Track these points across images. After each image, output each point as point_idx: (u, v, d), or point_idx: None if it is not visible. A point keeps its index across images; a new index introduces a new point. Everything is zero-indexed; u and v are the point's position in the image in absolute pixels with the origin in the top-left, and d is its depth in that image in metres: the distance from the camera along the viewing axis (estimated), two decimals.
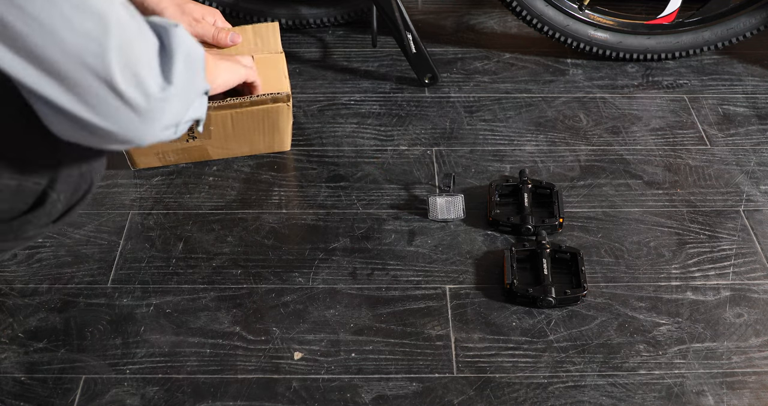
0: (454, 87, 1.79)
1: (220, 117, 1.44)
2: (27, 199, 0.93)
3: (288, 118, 1.51)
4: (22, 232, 0.97)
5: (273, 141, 1.56)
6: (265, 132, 1.52)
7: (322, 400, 1.20)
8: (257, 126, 1.50)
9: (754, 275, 1.39)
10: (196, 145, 1.50)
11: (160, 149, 1.50)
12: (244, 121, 1.47)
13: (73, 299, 1.33)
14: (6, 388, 1.20)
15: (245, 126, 1.49)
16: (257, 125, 1.49)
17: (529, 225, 1.44)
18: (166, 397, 1.20)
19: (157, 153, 1.52)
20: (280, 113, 1.48)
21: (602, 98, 1.77)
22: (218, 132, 1.48)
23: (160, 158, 1.53)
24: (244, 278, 1.37)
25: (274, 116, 1.48)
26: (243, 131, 1.50)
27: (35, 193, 0.93)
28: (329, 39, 1.92)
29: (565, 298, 1.33)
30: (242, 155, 1.58)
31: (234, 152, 1.56)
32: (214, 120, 1.45)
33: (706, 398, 1.21)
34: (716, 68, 1.86)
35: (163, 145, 1.48)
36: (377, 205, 1.51)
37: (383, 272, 1.39)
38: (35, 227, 0.97)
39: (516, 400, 1.21)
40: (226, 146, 1.53)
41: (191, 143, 1.49)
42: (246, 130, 1.50)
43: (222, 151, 1.55)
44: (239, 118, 1.46)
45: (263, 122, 1.49)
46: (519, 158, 1.61)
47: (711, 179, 1.57)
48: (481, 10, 2.04)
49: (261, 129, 1.51)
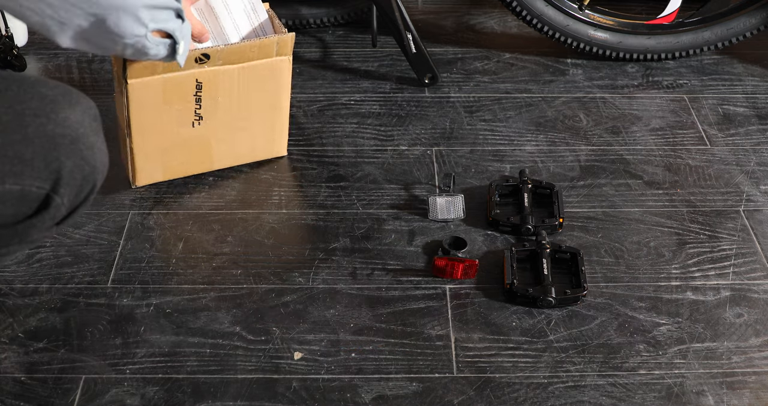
0: (454, 87, 1.79)
1: (227, 75, 1.43)
2: (31, 203, 0.94)
3: (288, 77, 1.51)
4: (26, 236, 0.97)
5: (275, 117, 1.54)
6: (269, 92, 1.50)
7: (322, 400, 1.20)
8: (262, 86, 1.48)
9: (754, 275, 1.39)
10: (200, 134, 1.48)
11: (162, 156, 1.49)
12: (249, 79, 1.46)
13: (73, 299, 1.33)
14: (6, 388, 1.20)
15: (250, 88, 1.47)
16: (262, 85, 1.48)
17: (529, 225, 1.44)
18: (166, 397, 1.20)
19: (161, 162, 1.50)
20: (283, 69, 1.49)
21: (602, 98, 1.77)
22: (224, 103, 1.46)
23: (164, 171, 1.52)
24: (244, 278, 1.37)
25: (278, 73, 1.48)
26: (248, 97, 1.48)
27: (39, 197, 0.93)
28: (329, 39, 1.92)
29: (565, 298, 1.33)
30: (244, 159, 1.57)
31: (234, 144, 1.54)
32: (221, 79, 1.43)
33: (706, 398, 1.21)
34: (716, 68, 1.86)
35: (165, 137, 1.46)
36: (377, 205, 1.51)
37: (383, 272, 1.39)
38: (39, 230, 0.97)
39: (516, 400, 1.21)
40: (228, 135, 1.51)
41: (196, 130, 1.47)
42: (250, 96, 1.49)
43: (224, 147, 1.53)
44: (245, 76, 1.45)
45: (268, 81, 1.49)
46: (519, 158, 1.61)
47: (711, 179, 1.57)
48: (481, 10, 2.04)
49: (265, 90, 1.49)
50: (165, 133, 1.46)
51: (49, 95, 0.95)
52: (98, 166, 0.98)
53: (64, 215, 0.98)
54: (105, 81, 1.78)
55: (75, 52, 1.85)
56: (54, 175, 0.93)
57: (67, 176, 0.94)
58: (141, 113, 1.42)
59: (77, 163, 0.94)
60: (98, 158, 0.97)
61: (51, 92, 0.95)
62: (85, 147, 0.95)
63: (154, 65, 1.36)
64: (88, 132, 0.96)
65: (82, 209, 1.00)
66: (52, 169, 0.93)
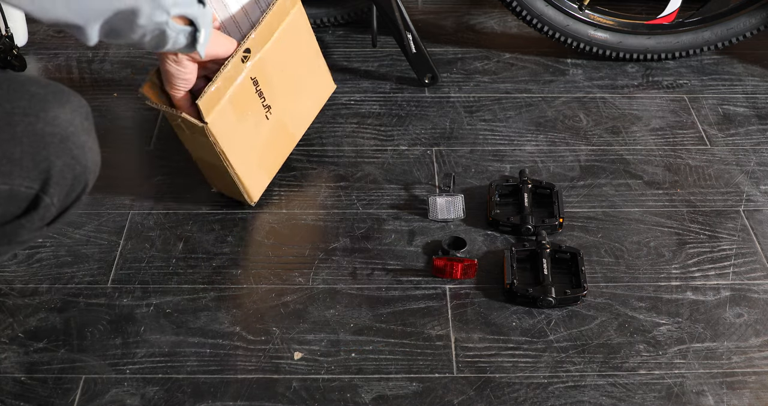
0: (454, 87, 1.79)
1: (268, 56, 1.38)
2: (20, 203, 0.92)
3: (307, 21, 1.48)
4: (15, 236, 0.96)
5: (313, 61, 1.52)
6: (302, 44, 1.48)
7: (322, 400, 1.20)
8: (296, 44, 1.45)
9: (754, 275, 1.39)
10: (274, 120, 1.44)
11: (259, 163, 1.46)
12: (284, 47, 1.42)
13: (73, 299, 1.33)
14: (6, 388, 1.20)
15: (288, 53, 1.44)
16: (296, 43, 1.45)
17: (529, 225, 1.44)
18: (166, 397, 1.20)
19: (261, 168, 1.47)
20: (301, 18, 1.45)
21: (602, 98, 1.77)
22: (278, 81, 1.43)
23: (267, 174, 1.49)
24: (244, 278, 1.37)
25: (299, 24, 1.45)
26: (290, 62, 1.45)
27: (28, 197, 0.92)
28: (329, 39, 1.92)
29: (565, 298, 1.33)
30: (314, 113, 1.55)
31: (299, 107, 1.51)
32: (267, 63, 1.39)
33: (706, 398, 1.21)
34: (716, 68, 1.86)
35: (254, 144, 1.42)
36: (377, 205, 1.51)
37: (383, 272, 1.39)
38: (29, 231, 0.96)
39: (516, 400, 1.21)
40: (292, 104, 1.48)
41: (270, 120, 1.43)
42: (292, 60, 1.45)
43: (295, 117, 1.50)
44: (280, 46, 1.41)
45: (297, 36, 1.45)
46: (519, 158, 1.61)
47: (711, 179, 1.57)
48: (481, 10, 2.04)
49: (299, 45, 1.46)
50: (252, 141, 1.42)
51: (38, 94, 0.93)
52: (89, 166, 0.96)
53: (54, 215, 0.97)
54: (105, 81, 1.78)
55: (75, 52, 1.85)
56: (43, 174, 0.92)
57: (57, 176, 0.93)
58: (228, 140, 1.36)
59: (67, 163, 0.93)
60: (89, 157, 0.96)
61: (41, 91, 0.94)
62: (75, 146, 0.93)
63: (217, 91, 1.30)
64: (79, 131, 0.94)
65: (74, 209, 0.99)
66: (41, 169, 0.91)
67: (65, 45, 1.86)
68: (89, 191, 1.00)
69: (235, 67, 1.32)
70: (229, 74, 1.31)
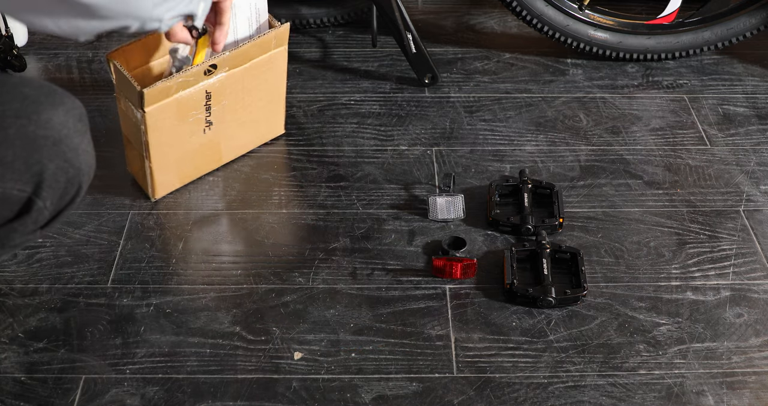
0: (454, 87, 1.79)
1: (232, 79, 1.44)
2: (12, 207, 0.91)
3: (285, 64, 1.53)
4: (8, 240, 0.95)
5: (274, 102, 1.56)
6: (269, 83, 1.52)
7: (322, 400, 1.20)
8: (263, 79, 1.50)
9: (754, 275, 1.39)
10: (210, 138, 1.49)
11: (177, 167, 1.48)
12: (251, 77, 1.47)
13: (73, 299, 1.33)
14: (6, 388, 1.20)
15: (252, 84, 1.48)
16: (263, 78, 1.50)
17: (529, 225, 1.44)
18: (166, 397, 1.20)
19: (177, 172, 1.49)
20: (281, 59, 1.51)
21: (602, 98, 1.77)
22: (231, 104, 1.47)
23: (180, 180, 1.51)
24: (244, 278, 1.37)
25: (276, 63, 1.50)
26: (250, 93, 1.49)
27: (20, 201, 0.91)
28: (329, 39, 1.92)
29: (565, 298, 1.33)
30: (250, 147, 1.58)
31: (240, 137, 1.55)
32: (228, 84, 1.44)
33: (706, 398, 1.21)
34: (716, 68, 1.86)
35: (180, 149, 1.45)
36: (377, 205, 1.51)
37: (383, 272, 1.39)
38: (21, 234, 0.95)
39: (516, 400, 1.21)
40: (235, 131, 1.52)
41: (207, 135, 1.47)
42: (253, 92, 1.50)
43: (231, 143, 1.53)
44: (248, 75, 1.46)
45: (268, 73, 1.50)
46: (519, 158, 1.61)
47: (711, 179, 1.57)
48: (481, 10, 2.04)
49: (265, 82, 1.51)
50: (180, 145, 1.46)
51: (31, 96, 0.92)
52: (83, 168, 0.95)
53: (47, 218, 0.96)
54: (105, 81, 1.77)
55: (75, 51, 1.84)
56: (36, 178, 0.91)
57: (50, 179, 0.92)
58: (158, 135, 1.40)
59: (60, 166, 0.92)
60: (83, 160, 0.95)
61: (34, 93, 0.93)
62: (68, 149, 0.92)
63: (168, 88, 1.35)
64: (72, 133, 0.93)
65: (68, 211, 0.98)
66: (34, 172, 0.90)
67: (65, 45, 1.86)
68: (84, 193, 0.99)
69: (196, 76, 1.38)
70: (188, 80, 1.36)
